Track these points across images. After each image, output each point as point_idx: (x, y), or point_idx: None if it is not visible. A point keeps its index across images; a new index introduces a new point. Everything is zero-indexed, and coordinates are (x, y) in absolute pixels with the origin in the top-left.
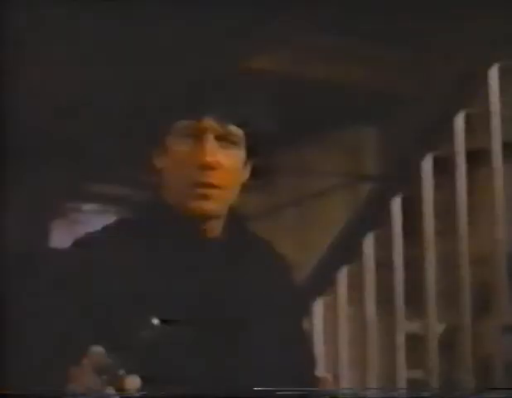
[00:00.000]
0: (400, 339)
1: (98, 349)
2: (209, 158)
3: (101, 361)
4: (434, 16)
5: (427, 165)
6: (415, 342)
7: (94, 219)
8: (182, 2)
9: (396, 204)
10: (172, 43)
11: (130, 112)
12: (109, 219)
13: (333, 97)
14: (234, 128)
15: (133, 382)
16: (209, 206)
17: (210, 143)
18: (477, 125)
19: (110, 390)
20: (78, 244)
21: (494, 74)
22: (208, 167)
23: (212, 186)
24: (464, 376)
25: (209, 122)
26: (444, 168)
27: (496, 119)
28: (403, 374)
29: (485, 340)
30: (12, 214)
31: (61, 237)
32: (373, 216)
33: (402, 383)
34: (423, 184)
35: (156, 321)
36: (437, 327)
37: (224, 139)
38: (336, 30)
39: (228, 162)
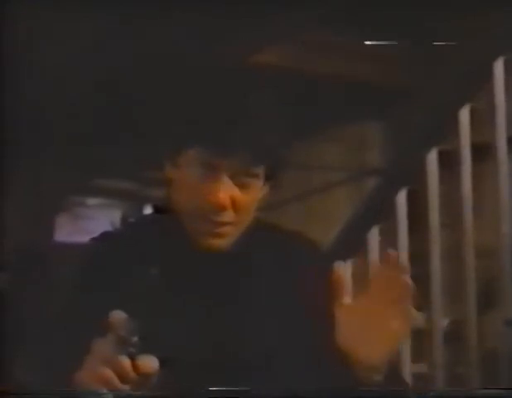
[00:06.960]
0: None
1: (120, 314)
2: (222, 198)
3: (124, 327)
4: (439, 9)
5: (432, 159)
6: (420, 336)
7: (98, 213)
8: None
9: (401, 197)
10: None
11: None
12: (114, 214)
13: (338, 91)
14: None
15: (150, 365)
16: (221, 242)
17: (225, 183)
18: (482, 119)
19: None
20: (90, 241)
21: (499, 67)
22: (220, 208)
23: (225, 224)
24: (469, 370)
25: (225, 162)
26: (449, 162)
27: (501, 113)
28: (407, 368)
29: (490, 334)
30: (14, 209)
31: (66, 232)
32: (378, 210)
33: (406, 377)
34: (428, 178)
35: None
36: (441, 321)
37: (240, 175)
38: (340, 25)
39: (243, 197)
